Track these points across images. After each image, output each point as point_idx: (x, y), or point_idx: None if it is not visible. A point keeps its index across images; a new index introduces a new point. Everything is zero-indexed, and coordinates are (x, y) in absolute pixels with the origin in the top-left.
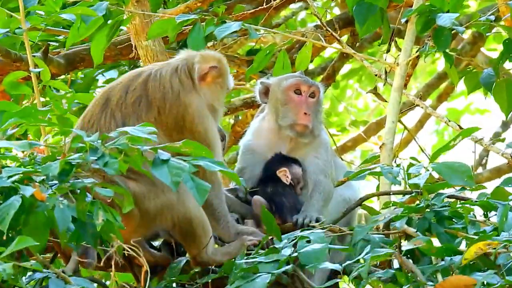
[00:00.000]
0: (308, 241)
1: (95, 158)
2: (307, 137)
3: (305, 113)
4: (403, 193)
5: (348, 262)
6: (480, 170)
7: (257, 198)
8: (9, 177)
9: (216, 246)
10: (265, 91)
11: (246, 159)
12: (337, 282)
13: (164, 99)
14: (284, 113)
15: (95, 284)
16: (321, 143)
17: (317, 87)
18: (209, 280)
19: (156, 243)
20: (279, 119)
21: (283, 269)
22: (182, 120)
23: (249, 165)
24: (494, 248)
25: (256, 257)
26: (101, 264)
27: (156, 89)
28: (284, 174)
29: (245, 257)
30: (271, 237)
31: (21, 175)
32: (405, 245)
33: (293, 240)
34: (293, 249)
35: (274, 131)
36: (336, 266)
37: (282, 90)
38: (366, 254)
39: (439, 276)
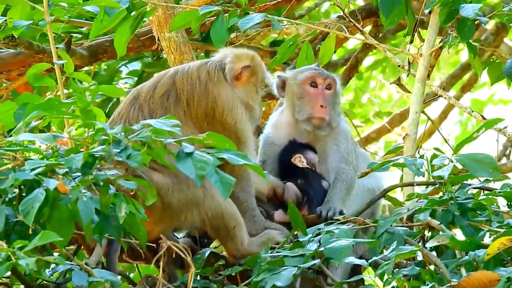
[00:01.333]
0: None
1: (118, 150)
2: (324, 130)
3: (322, 106)
4: (427, 184)
5: (374, 258)
6: (504, 160)
7: (290, 184)
8: (32, 169)
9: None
10: (282, 85)
11: (267, 152)
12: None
13: (192, 91)
14: (300, 106)
15: (119, 277)
16: (341, 132)
17: (333, 79)
18: (233, 273)
19: (179, 236)
20: (295, 113)
21: (309, 263)
22: (212, 112)
23: (270, 158)
24: None
25: (281, 251)
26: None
27: (183, 81)
28: (299, 160)
29: (270, 252)
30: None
31: (44, 167)
32: (429, 242)
33: (318, 234)
34: (318, 244)
35: (293, 124)
36: (361, 262)
37: (298, 83)
38: (391, 251)
39: (463, 270)
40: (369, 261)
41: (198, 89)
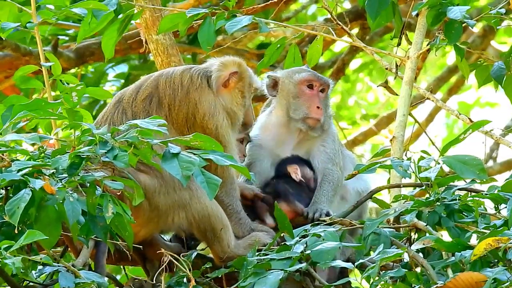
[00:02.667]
0: (319, 237)
1: (105, 151)
2: (317, 131)
3: (318, 107)
4: (414, 185)
5: (360, 261)
6: (490, 163)
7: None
8: (19, 170)
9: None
10: (273, 84)
11: (254, 154)
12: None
13: (174, 95)
14: (296, 106)
15: (106, 278)
16: (329, 134)
17: (328, 83)
18: (220, 276)
19: (166, 237)
20: (290, 111)
21: (296, 267)
22: (192, 117)
23: (257, 160)
24: (504, 244)
25: (268, 254)
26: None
27: (166, 86)
28: (295, 171)
29: (257, 254)
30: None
31: (31, 168)
32: (415, 244)
33: (304, 236)
34: (304, 246)
35: (283, 125)
36: (348, 265)
37: (295, 83)
38: (377, 255)
39: (450, 272)
40: (356, 264)
41: (179, 94)
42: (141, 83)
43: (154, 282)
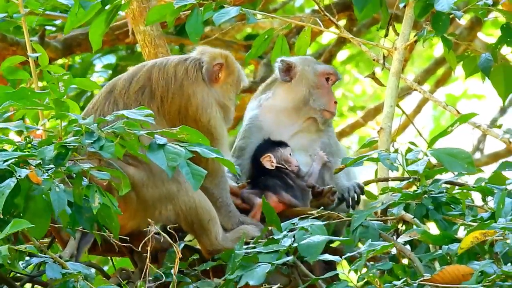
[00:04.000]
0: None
1: (91, 141)
2: (327, 124)
3: (335, 102)
4: (402, 179)
5: (348, 254)
6: (477, 155)
7: (244, 192)
8: (5, 160)
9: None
10: (287, 69)
11: (252, 136)
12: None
13: (167, 87)
14: (317, 96)
15: (93, 269)
16: (330, 127)
17: (340, 79)
18: (208, 268)
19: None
20: (310, 100)
21: (283, 260)
22: (185, 110)
23: (253, 143)
24: (491, 237)
25: (255, 247)
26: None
27: (159, 77)
28: (269, 160)
29: (244, 247)
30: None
31: (17, 159)
32: (402, 237)
33: (291, 230)
34: (292, 239)
35: (289, 110)
36: (336, 258)
37: (316, 73)
38: (365, 248)
39: (437, 264)
40: (343, 257)
41: (173, 86)
42: (134, 73)
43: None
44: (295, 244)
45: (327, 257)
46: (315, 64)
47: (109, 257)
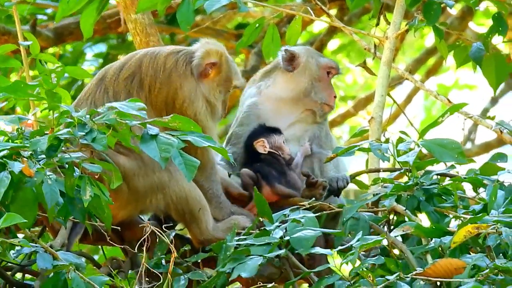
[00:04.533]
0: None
1: (83, 133)
2: (324, 117)
3: (335, 96)
4: (393, 170)
5: (339, 247)
6: (468, 145)
7: (243, 170)
8: None
9: None
10: (290, 59)
11: (250, 124)
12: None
13: (155, 77)
14: (318, 89)
15: (83, 259)
16: (326, 119)
17: (339, 73)
18: (199, 260)
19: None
20: (312, 93)
21: (275, 253)
22: (171, 102)
23: (250, 131)
24: (483, 231)
25: (246, 239)
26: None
27: (149, 66)
28: (262, 145)
29: (236, 238)
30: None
31: (9, 150)
32: (394, 231)
33: (283, 222)
34: (284, 231)
35: (288, 100)
36: (327, 251)
37: (319, 66)
38: (357, 241)
39: (429, 257)
40: (334, 250)
41: (161, 76)
42: (125, 61)
43: (131, 262)
44: (287, 237)
45: (319, 250)
46: (319, 56)
47: (99, 246)
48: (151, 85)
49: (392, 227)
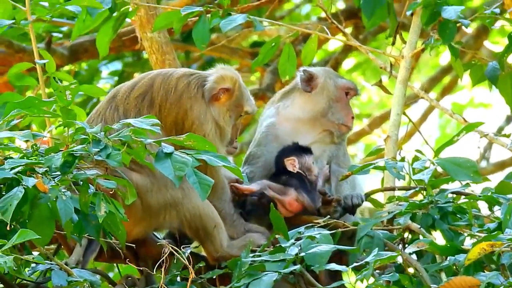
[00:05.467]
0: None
1: (98, 149)
2: (342, 138)
3: (353, 117)
4: (408, 189)
5: (354, 264)
6: (483, 163)
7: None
8: (12, 168)
9: None
10: (309, 79)
11: (267, 144)
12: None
13: (166, 97)
14: (336, 110)
15: (98, 276)
16: (344, 139)
17: (358, 94)
18: (214, 276)
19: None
20: (329, 113)
21: (290, 269)
22: (181, 123)
23: (269, 151)
24: (498, 248)
25: (261, 256)
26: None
27: (161, 86)
28: (292, 163)
29: (251, 255)
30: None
31: (24, 166)
32: (409, 248)
33: (298, 239)
34: (299, 248)
35: (306, 121)
36: (342, 268)
37: (337, 87)
38: (372, 257)
39: (443, 275)
40: (349, 266)
41: (172, 96)
42: (138, 80)
43: (146, 280)
44: (302, 254)
45: (334, 266)
46: (337, 77)
47: (114, 264)
48: (162, 105)
49: (406, 245)
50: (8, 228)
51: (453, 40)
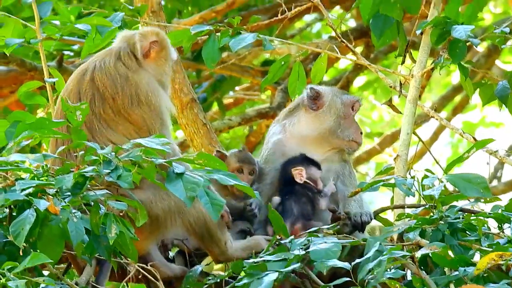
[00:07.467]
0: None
1: (109, 170)
2: (352, 154)
3: (361, 133)
4: (417, 206)
5: (357, 260)
6: (495, 182)
7: (275, 199)
8: (23, 190)
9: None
10: (315, 97)
11: (275, 161)
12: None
13: (114, 85)
14: (344, 126)
15: None
16: (351, 157)
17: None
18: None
19: (170, 254)
20: (338, 130)
21: (291, 267)
22: (136, 96)
23: (276, 168)
24: (507, 259)
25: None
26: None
27: (104, 79)
28: (299, 173)
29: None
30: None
31: (35, 187)
32: (421, 250)
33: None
34: (304, 251)
35: (312, 139)
36: (345, 265)
37: (344, 103)
38: (384, 255)
39: (452, 287)
40: (353, 263)
41: (120, 81)
42: (78, 86)
43: None
44: (308, 250)
45: (337, 263)
46: (342, 94)
47: (124, 283)
48: (113, 93)
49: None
50: (20, 253)
51: (464, 59)
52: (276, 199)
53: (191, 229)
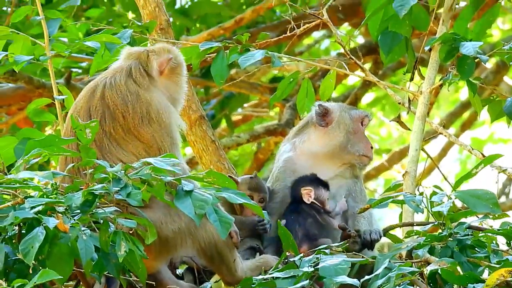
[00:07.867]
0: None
1: (118, 188)
2: (364, 169)
3: (372, 147)
4: (426, 224)
5: (366, 277)
6: (503, 199)
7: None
8: (32, 207)
9: None
10: (324, 114)
11: (285, 179)
12: None
13: (125, 103)
14: (354, 141)
15: None
16: (361, 173)
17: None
18: None
19: (179, 270)
20: (348, 145)
21: (300, 284)
22: (147, 115)
23: (286, 186)
24: None
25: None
26: None
27: (114, 97)
28: (308, 193)
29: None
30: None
31: (44, 205)
32: (429, 266)
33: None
34: (313, 267)
35: (322, 155)
36: (354, 281)
37: (353, 118)
38: (392, 272)
39: None
40: (362, 280)
41: (131, 99)
42: (88, 104)
43: None
44: (317, 267)
45: (346, 279)
46: (350, 109)
47: None
48: (124, 111)
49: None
50: (30, 271)
51: (472, 76)
52: (283, 222)
53: (201, 251)
